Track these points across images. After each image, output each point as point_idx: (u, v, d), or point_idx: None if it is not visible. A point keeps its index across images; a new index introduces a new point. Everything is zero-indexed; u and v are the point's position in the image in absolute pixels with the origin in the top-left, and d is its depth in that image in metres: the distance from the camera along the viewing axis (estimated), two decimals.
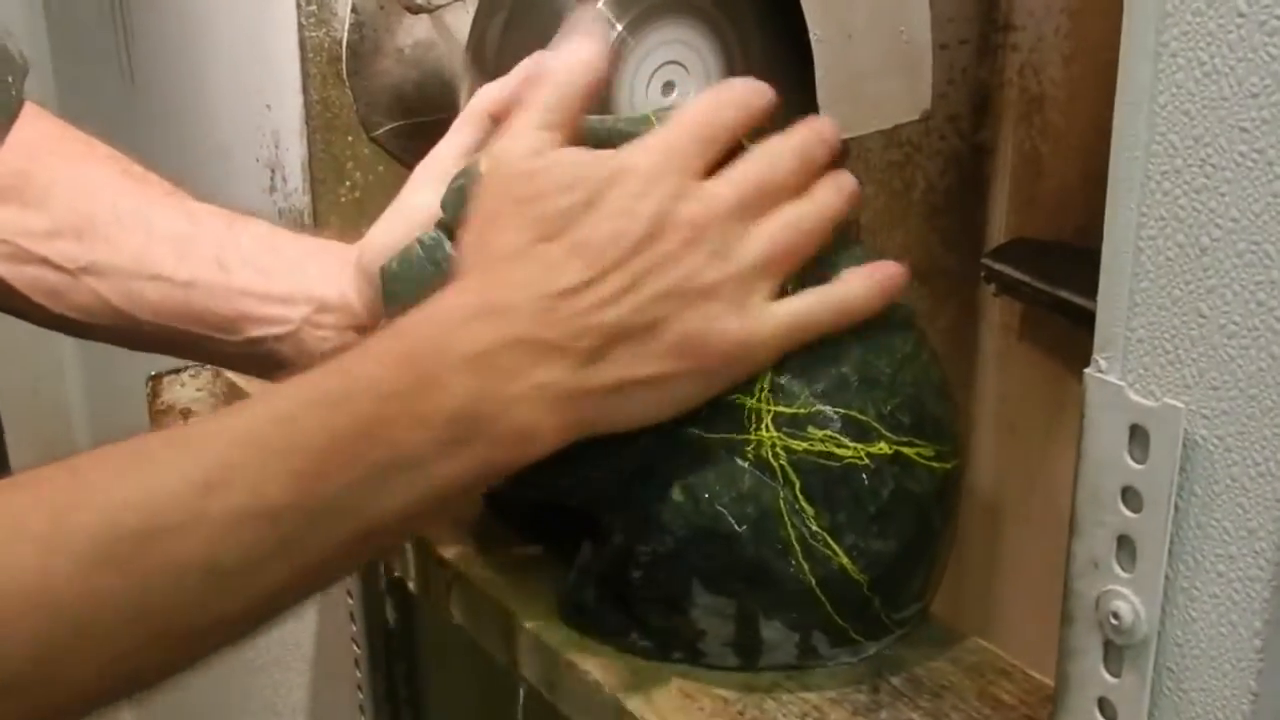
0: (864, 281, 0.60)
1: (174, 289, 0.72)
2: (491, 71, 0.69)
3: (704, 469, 0.60)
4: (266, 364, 0.73)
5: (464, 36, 0.73)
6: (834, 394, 0.61)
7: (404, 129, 0.94)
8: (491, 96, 0.66)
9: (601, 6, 0.69)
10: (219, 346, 0.73)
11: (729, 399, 0.60)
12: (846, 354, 0.61)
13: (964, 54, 0.85)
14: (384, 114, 0.94)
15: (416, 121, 0.93)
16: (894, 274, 0.60)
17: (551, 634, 0.66)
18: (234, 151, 1.14)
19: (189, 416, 1.05)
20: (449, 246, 0.63)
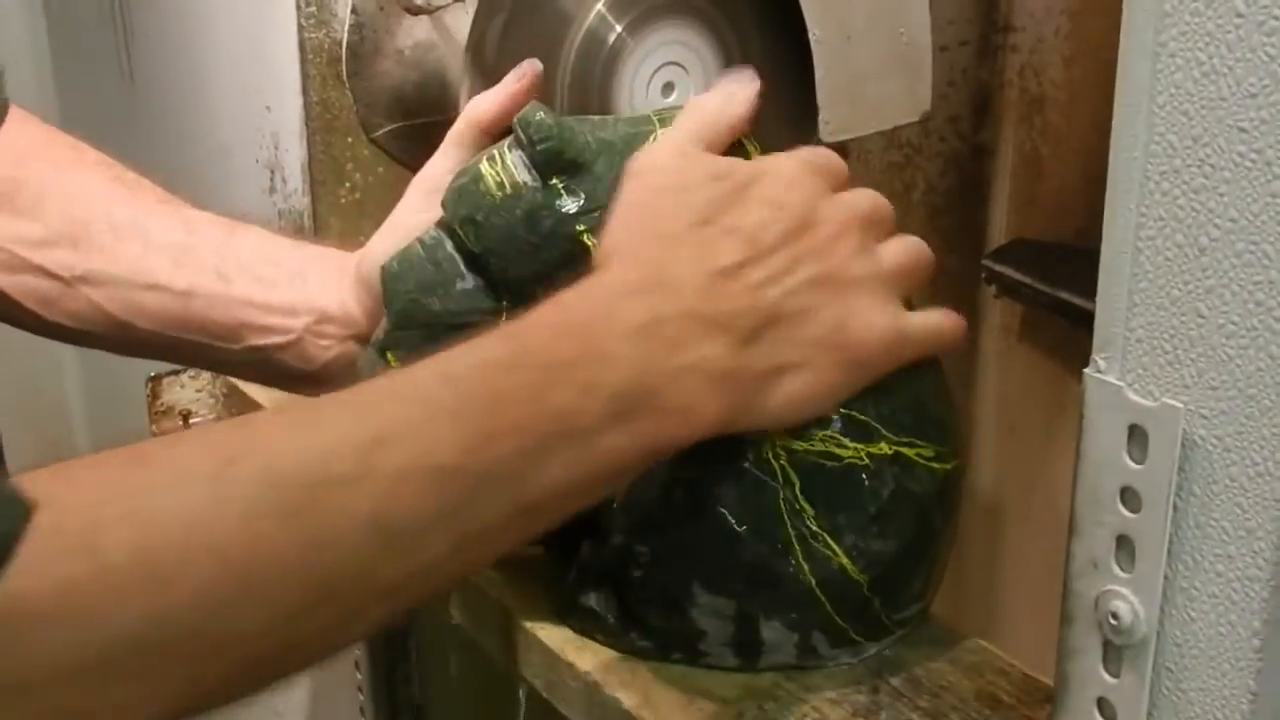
0: (953, 322, 0.62)
1: (172, 298, 0.72)
2: (491, 72, 0.69)
3: (704, 469, 0.60)
4: (268, 371, 0.73)
5: (464, 38, 0.73)
6: None
7: (404, 130, 0.94)
8: (481, 110, 0.67)
9: (601, 7, 0.69)
10: (219, 354, 0.73)
11: None
12: None
13: (964, 55, 0.85)
14: (384, 115, 0.94)
15: (416, 123, 0.93)
16: (964, 325, 0.63)
17: (551, 635, 0.66)
18: (234, 152, 1.14)
19: (189, 418, 1.05)
20: (449, 246, 0.64)
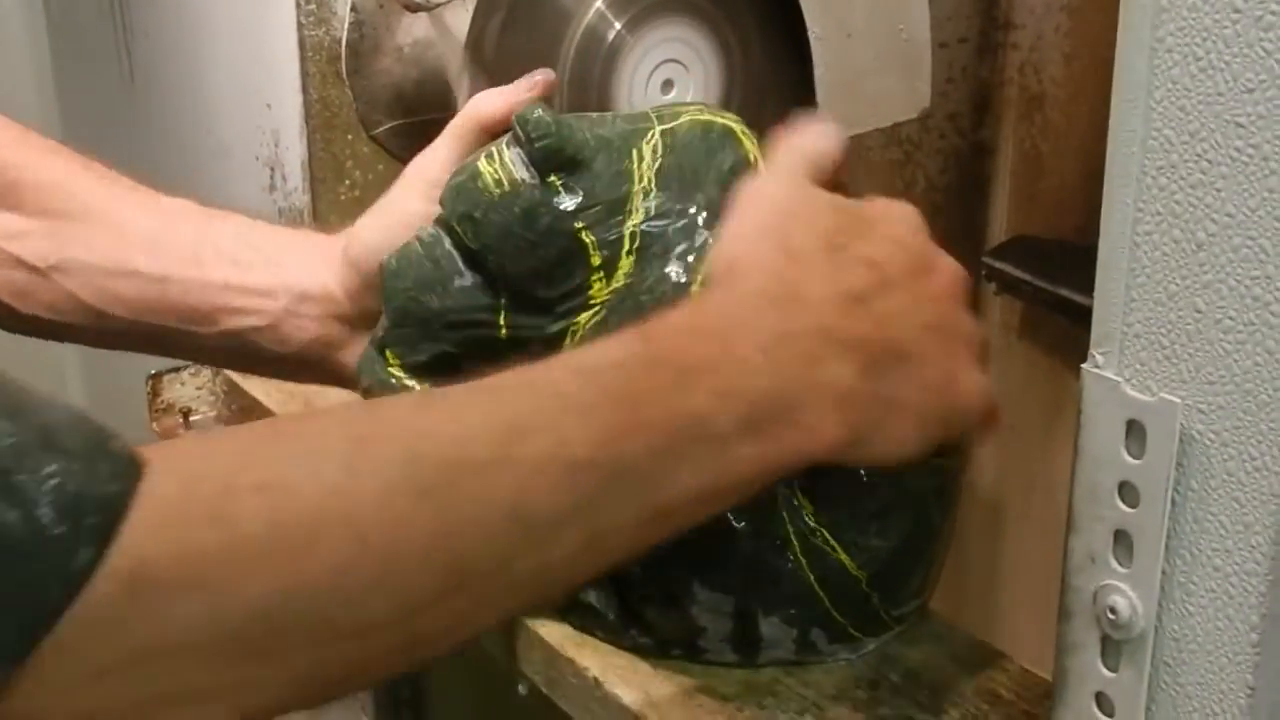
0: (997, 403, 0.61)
1: (148, 284, 0.71)
2: (490, 70, 0.69)
3: None
4: (244, 356, 0.73)
5: (463, 35, 0.73)
6: None
7: (403, 127, 0.95)
8: (485, 108, 0.67)
9: (601, 5, 0.69)
10: (195, 340, 0.73)
11: None
12: None
13: (964, 52, 0.85)
14: (383, 112, 0.95)
15: (416, 120, 0.94)
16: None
17: (551, 631, 0.66)
18: (234, 150, 1.14)
19: (189, 415, 1.05)
20: (447, 243, 0.64)
